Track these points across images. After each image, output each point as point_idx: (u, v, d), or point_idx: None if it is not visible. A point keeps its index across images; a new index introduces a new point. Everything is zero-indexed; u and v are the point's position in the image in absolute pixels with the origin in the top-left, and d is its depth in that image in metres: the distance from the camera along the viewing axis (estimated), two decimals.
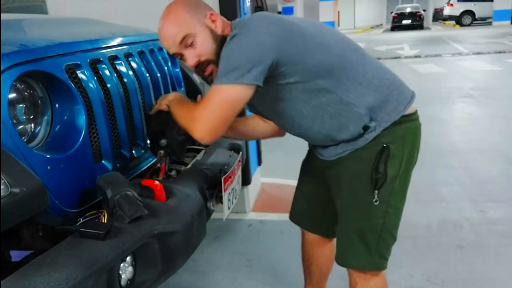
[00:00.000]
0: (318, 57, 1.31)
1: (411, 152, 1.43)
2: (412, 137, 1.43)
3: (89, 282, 1.02)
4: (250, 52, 1.23)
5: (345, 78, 1.34)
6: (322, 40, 1.34)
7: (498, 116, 5.15)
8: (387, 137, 1.37)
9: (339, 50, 1.35)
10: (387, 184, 1.39)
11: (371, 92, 1.36)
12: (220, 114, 1.27)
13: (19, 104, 1.20)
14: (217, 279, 2.31)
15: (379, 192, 1.39)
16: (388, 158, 1.37)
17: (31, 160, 1.12)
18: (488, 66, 8.90)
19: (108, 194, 1.22)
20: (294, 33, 1.30)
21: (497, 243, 2.49)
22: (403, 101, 1.40)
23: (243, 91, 1.25)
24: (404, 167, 1.41)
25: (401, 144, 1.39)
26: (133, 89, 1.60)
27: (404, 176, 1.43)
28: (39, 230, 1.29)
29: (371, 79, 1.37)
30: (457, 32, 18.94)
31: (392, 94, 1.38)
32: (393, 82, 1.41)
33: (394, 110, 1.37)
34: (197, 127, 1.30)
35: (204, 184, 1.60)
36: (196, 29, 1.35)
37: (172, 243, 1.27)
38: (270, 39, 1.24)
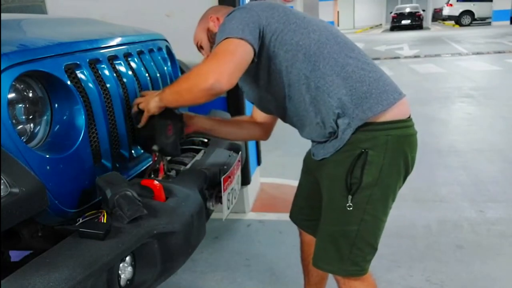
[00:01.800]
0: (295, 38, 1.33)
1: (394, 161, 1.35)
2: (397, 145, 1.35)
3: (88, 282, 1.02)
4: (240, 19, 1.31)
5: (322, 65, 1.33)
6: (303, 23, 1.37)
7: (498, 116, 5.15)
8: (368, 142, 1.33)
9: (320, 37, 1.35)
10: (362, 190, 1.34)
11: (347, 85, 1.32)
12: (233, 59, 1.26)
13: (18, 104, 1.20)
14: (217, 279, 2.31)
15: (353, 197, 1.35)
16: (365, 164, 1.33)
17: (31, 160, 1.12)
18: (488, 66, 8.91)
19: (108, 194, 1.22)
20: (278, 10, 1.37)
21: (497, 243, 2.49)
22: (384, 101, 1.32)
23: (244, 45, 1.27)
24: (384, 176, 1.35)
25: (381, 151, 1.33)
26: (133, 89, 1.60)
27: (385, 185, 1.37)
28: (38, 230, 1.29)
29: (351, 72, 1.33)
30: (456, 32, 18.95)
31: (371, 92, 1.32)
32: (377, 80, 1.35)
33: (370, 108, 1.31)
34: (206, 76, 1.23)
35: (203, 184, 1.60)
36: (202, 34, 1.60)
37: (171, 243, 1.27)
38: (256, 10, 1.34)
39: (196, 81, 1.26)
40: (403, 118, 1.36)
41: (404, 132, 1.36)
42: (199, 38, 1.61)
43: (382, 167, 1.33)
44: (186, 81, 1.33)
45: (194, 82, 1.28)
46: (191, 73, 1.32)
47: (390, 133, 1.33)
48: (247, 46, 1.28)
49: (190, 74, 1.33)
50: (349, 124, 1.33)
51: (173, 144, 1.60)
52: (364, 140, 1.33)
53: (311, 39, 1.34)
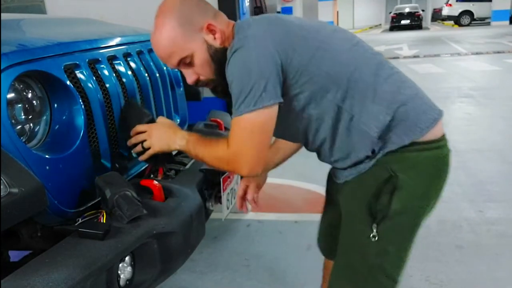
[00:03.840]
0: (323, 68, 1.15)
1: (427, 185, 1.20)
2: (433, 169, 1.20)
3: (88, 282, 1.02)
4: (257, 67, 1.09)
5: (355, 92, 1.16)
6: (326, 45, 1.18)
7: (497, 116, 5.15)
8: (398, 163, 1.17)
9: (348, 59, 1.18)
10: (390, 219, 1.19)
11: (383, 108, 1.16)
12: (255, 143, 1.15)
13: (18, 104, 1.20)
14: (216, 279, 2.31)
15: (378, 226, 1.19)
16: (394, 190, 1.16)
17: (30, 160, 1.12)
18: (487, 66, 8.91)
19: (107, 194, 1.22)
20: (297, 35, 1.16)
21: (496, 243, 2.49)
22: (422, 122, 1.16)
23: (267, 113, 1.12)
24: (416, 202, 1.20)
25: (414, 175, 1.17)
26: (132, 89, 1.60)
27: (414, 214, 1.22)
28: (38, 230, 1.29)
29: (384, 93, 1.17)
30: (455, 32, 18.96)
31: (408, 113, 1.16)
32: (413, 98, 1.19)
33: (406, 132, 1.15)
34: (241, 166, 1.16)
35: (203, 184, 1.60)
36: (193, 47, 1.21)
37: (171, 243, 1.27)
38: (273, 46, 1.12)
39: (229, 168, 1.23)
40: (439, 137, 1.20)
41: (438, 153, 1.21)
42: (191, 50, 1.21)
43: (414, 193, 1.18)
44: (218, 163, 1.23)
45: (227, 169, 1.28)
46: (220, 153, 1.20)
47: (424, 154, 1.17)
48: (275, 109, 1.13)
49: (219, 153, 1.21)
50: (381, 148, 1.18)
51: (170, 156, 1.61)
52: (393, 162, 1.17)
53: (340, 64, 1.17)
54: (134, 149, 1.44)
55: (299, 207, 3.12)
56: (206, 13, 1.23)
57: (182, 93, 2.09)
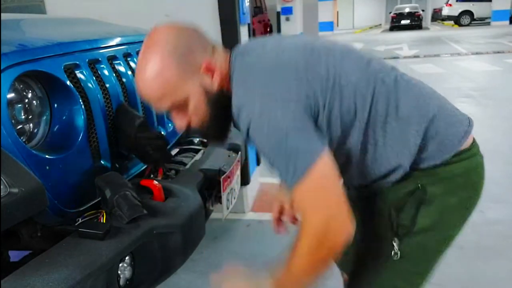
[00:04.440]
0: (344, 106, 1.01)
1: (460, 199, 1.08)
2: (466, 181, 1.08)
3: (88, 282, 1.02)
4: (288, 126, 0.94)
5: (378, 121, 1.03)
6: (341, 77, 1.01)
7: (498, 117, 5.15)
8: (426, 177, 1.06)
9: (367, 88, 1.02)
10: (415, 236, 1.07)
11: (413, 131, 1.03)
12: (333, 196, 0.96)
13: (18, 104, 1.20)
14: None
15: (401, 242, 1.08)
16: (421, 204, 1.06)
17: (30, 160, 1.12)
18: (487, 66, 8.91)
19: (107, 194, 1.22)
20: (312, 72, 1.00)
21: (497, 243, 2.49)
22: (454, 138, 1.06)
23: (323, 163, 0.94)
24: (446, 218, 1.09)
25: (446, 188, 1.06)
26: (132, 89, 1.60)
27: (445, 230, 1.11)
28: (38, 230, 1.29)
29: (407, 117, 1.03)
30: (455, 32, 18.95)
31: (437, 131, 1.04)
32: (439, 113, 1.06)
33: (438, 151, 1.05)
34: (335, 234, 0.95)
35: (203, 184, 1.60)
36: (189, 90, 1.03)
37: (171, 243, 1.27)
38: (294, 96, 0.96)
39: (324, 249, 0.96)
40: (468, 147, 1.09)
41: (470, 164, 1.09)
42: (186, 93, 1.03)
43: (444, 208, 1.07)
44: (309, 257, 1.00)
45: (322, 252, 0.97)
46: (306, 243, 0.98)
47: (455, 167, 1.06)
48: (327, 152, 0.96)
49: (305, 244, 0.98)
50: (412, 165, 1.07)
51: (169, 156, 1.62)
52: (422, 176, 1.06)
53: (362, 97, 1.02)
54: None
55: None
56: (205, 48, 1.05)
57: None
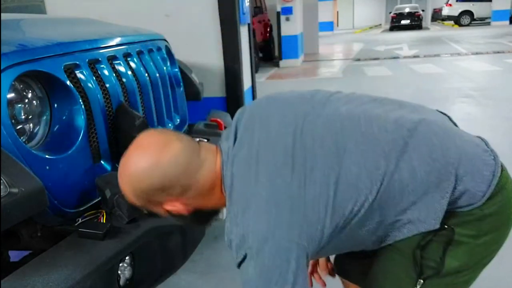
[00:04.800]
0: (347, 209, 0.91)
1: (494, 238, 0.99)
2: (497, 217, 0.97)
3: (88, 282, 1.02)
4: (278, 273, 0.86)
5: (386, 206, 0.93)
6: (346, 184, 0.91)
7: (498, 117, 5.14)
8: (453, 218, 0.95)
9: (372, 183, 0.91)
10: (443, 277, 0.98)
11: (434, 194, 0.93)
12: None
13: (18, 104, 1.20)
14: (216, 280, 2.31)
15: (425, 284, 0.99)
16: (449, 244, 0.96)
17: (30, 160, 1.12)
18: (487, 66, 8.90)
19: (107, 194, 1.22)
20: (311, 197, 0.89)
21: None
22: (481, 185, 0.94)
23: None
24: (477, 259, 1.00)
25: (475, 230, 0.96)
26: (132, 89, 1.60)
27: (475, 269, 1.02)
28: (38, 230, 1.29)
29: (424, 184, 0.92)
30: (455, 32, 18.95)
31: (462, 181, 0.93)
32: (462, 159, 0.95)
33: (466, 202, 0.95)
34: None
35: None
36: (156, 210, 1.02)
37: (171, 243, 1.27)
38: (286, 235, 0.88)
39: None
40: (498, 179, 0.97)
41: (502, 197, 0.96)
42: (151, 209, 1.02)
43: (475, 249, 0.98)
44: None
45: None
46: None
47: (487, 205, 0.94)
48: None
49: None
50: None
51: None
52: (449, 217, 0.95)
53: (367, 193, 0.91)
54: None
55: None
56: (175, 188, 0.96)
57: (182, 93, 2.09)
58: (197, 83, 2.28)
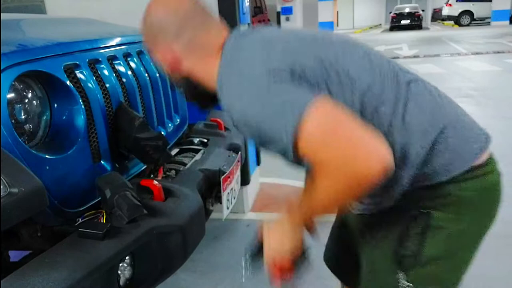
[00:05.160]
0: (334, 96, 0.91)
1: (472, 223, 0.98)
2: (478, 202, 0.96)
3: (87, 282, 1.02)
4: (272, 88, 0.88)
5: (376, 124, 0.92)
6: (341, 68, 0.94)
7: (498, 116, 5.15)
8: (431, 199, 0.95)
9: (364, 83, 0.93)
10: (423, 266, 0.97)
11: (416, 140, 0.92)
12: (347, 131, 0.83)
13: (18, 104, 1.20)
14: (216, 279, 2.31)
15: (407, 275, 0.97)
16: (426, 230, 0.94)
17: (30, 160, 1.12)
18: (487, 66, 8.91)
19: (107, 194, 1.22)
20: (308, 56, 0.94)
21: (497, 243, 2.48)
22: (465, 154, 0.94)
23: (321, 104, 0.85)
24: (457, 245, 0.98)
25: (453, 211, 0.94)
26: (132, 89, 1.60)
27: (458, 257, 1.00)
28: (38, 230, 1.29)
29: (414, 125, 0.92)
30: (455, 32, 18.95)
31: (448, 144, 0.93)
32: (453, 124, 0.96)
33: (446, 167, 0.93)
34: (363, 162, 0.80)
35: (203, 184, 1.60)
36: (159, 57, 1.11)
37: (171, 243, 1.27)
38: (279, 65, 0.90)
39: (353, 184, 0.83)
40: (482, 163, 0.96)
41: (484, 182, 0.96)
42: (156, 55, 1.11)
43: (453, 234, 0.96)
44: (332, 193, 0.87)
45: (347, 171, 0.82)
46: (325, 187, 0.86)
47: (465, 185, 0.94)
48: (323, 98, 0.87)
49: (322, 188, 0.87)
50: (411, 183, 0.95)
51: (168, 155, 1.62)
52: (425, 197, 0.95)
53: (356, 90, 0.93)
54: None
55: None
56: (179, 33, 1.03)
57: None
58: None
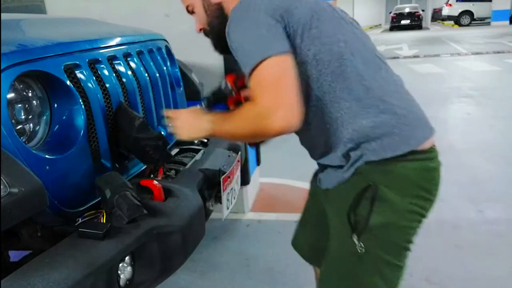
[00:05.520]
0: (312, 49, 1.08)
1: (412, 198, 1.12)
2: (419, 181, 1.11)
3: (87, 282, 1.02)
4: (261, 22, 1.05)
5: (339, 88, 1.09)
6: (329, 28, 1.10)
7: (497, 116, 5.15)
8: (379, 174, 1.10)
9: (345, 49, 1.10)
10: (371, 232, 1.11)
11: (368, 115, 1.09)
12: (282, 89, 1.00)
13: (18, 104, 1.20)
14: (216, 279, 2.31)
15: (359, 238, 1.12)
16: (374, 201, 1.09)
17: (30, 160, 1.12)
18: (487, 66, 8.91)
19: (107, 194, 1.23)
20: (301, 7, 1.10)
21: (496, 243, 2.49)
22: (411, 139, 1.10)
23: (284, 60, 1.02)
24: (400, 216, 1.12)
25: (398, 187, 1.10)
26: (132, 89, 1.60)
27: (401, 227, 1.14)
28: (38, 230, 1.29)
29: (377, 100, 1.09)
30: (455, 32, 18.95)
31: (398, 127, 1.09)
32: (408, 113, 1.12)
33: (391, 146, 1.08)
34: (271, 120, 0.99)
35: (203, 184, 1.60)
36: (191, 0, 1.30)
37: (171, 243, 1.27)
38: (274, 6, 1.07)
39: (261, 125, 1.01)
40: (425, 149, 1.12)
41: (425, 165, 1.12)
42: (189, 1, 1.32)
43: (397, 206, 1.10)
44: (246, 124, 1.07)
45: (259, 127, 1.03)
46: (249, 114, 1.05)
47: (408, 165, 1.10)
48: (290, 57, 1.04)
49: (248, 114, 1.06)
50: (361, 156, 1.11)
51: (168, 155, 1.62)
52: (374, 172, 1.10)
53: (333, 52, 1.09)
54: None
55: (299, 207, 3.10)
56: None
57: (182, 93, 2.10)
58: (197, 83, 2.28)
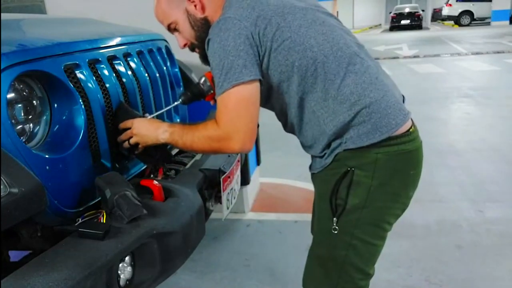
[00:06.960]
0: (290, 59, 1.19)
1: (385, 181, 1.22)
2: (389, 163, 1.21)
3: (87, 282, 1.02)
4: (234, 47, 1.15)
5: (319, 88, 1.20)
6: (299, 36, 1.19)
7: (497, 116, 5.15)
8: (355, 160, 1.21)
9: (317, 54, 1.19)
10: (348, 213, 1.23)
11: (345, 109, 1.19)
12: (243, 117, 1.18)
13: (18, 104, 1.20)
14: (216, 279, 2.31)
15: (338, 220, 1.24)
16: (351, 184, 1.21)
17: (30, 160, 1.12)
18: (487, 66, 8.91)
19: (107, 194, 1.22)
20: (271, 22, 1.18)
21: (496, 243, 2.49)
22: (384, 127, 1.18)
23: (250, 88, 1.16)
24: (374, 197, 1.21)
25: (370, 170, 1.19)
26: (132, 89, 1.60)
27: (375, 208, 1.23)
28: (38, 230, 1.29)
29: (349, 94, 1.18)
30: (455, 32, 18.96)
31: (371, 116, 1.18)
32: (378, 101, 1.19)
33: (367, 134, 1.18)
34: (234, 143, 1.19)
35: (203, 184, 1.60)
36: (176, 15, 1.33)
37: (171, 243, 1.27)
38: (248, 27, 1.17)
39: (221, 145, 1.21)
40: (401, 133, 1.21)
41: (398, 149, 1.21)
42: (173, 18, 1.34)
43: (370, 188, 1.21)
44: (207, 143, 1.24)
45: (218, 147, 1.23)
46: (212, 134, 1.22)
47: (381, 150, 1.19)
48: (257, 85, 1.18)
49: (210, 134, 1.22)
50: (340, 144, 1.22)
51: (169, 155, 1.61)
52: (350, 158, 1.21)
53: (308, 58, 1.19)
54: (123, 145, 1.45)
55: (299, 207, 3.12)
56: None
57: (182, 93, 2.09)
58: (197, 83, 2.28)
